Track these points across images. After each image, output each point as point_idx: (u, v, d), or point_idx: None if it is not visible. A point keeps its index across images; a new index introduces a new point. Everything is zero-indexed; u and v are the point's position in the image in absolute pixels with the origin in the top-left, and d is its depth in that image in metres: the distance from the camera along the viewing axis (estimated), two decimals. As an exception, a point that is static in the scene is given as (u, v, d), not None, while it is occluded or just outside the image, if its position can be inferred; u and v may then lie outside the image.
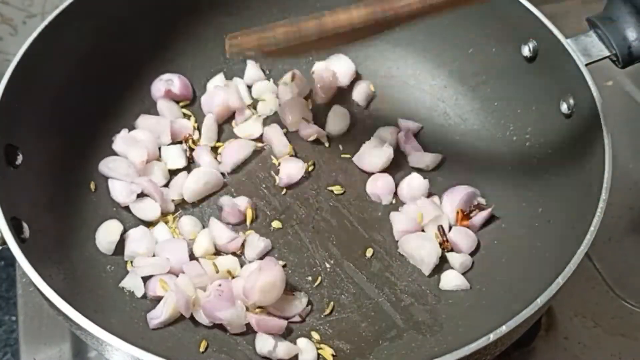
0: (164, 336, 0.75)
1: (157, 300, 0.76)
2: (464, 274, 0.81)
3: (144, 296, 0.77)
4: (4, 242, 0.65)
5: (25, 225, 0.70)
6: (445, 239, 0.81)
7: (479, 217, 0.83)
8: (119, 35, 0.88)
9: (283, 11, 0.95)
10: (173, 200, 0.85)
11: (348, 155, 0.91)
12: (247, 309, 0.74)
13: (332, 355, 0.75)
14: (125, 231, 0.81)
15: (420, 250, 0.80)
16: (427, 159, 0.89)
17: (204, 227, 0.84)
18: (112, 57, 0.88)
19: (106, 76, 0.88)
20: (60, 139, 0.82)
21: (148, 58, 0.92)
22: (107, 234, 0.80)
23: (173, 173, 0.87)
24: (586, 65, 0.77)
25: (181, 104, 0.94)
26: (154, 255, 0.80)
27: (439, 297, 0.80)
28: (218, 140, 0.92)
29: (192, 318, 0.76)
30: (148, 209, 0.83)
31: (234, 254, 0.81)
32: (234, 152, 0.89)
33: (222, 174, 0.88)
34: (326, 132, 0.92)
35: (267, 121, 0.93)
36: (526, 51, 0.84)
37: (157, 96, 0.92)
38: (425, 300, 0.79)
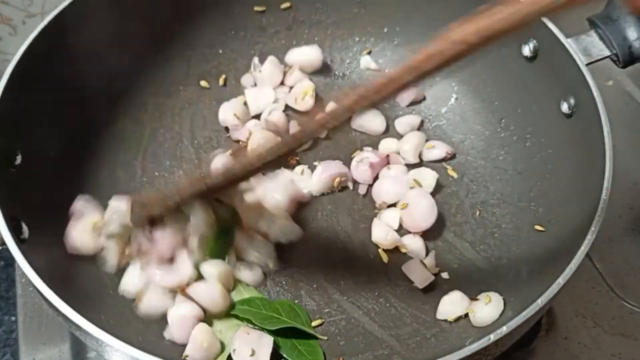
0: (163, 336, 0.75)
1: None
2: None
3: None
4: (4, 243, 0.65)
5: (24, 225, 0.70)
6: None
7: None
8: (119, 35, 0.88)
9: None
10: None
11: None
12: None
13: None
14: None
15: None
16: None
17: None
18: (111, 57, 0.87)
19: (105, 76, 0.87)
20: (60, 139, 0.82)
21: (148, 58, 0.92)
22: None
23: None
24: (587, 65, 0.77)
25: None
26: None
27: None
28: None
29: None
30: None
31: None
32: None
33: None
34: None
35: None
36: (526, 51, 0.84)
37: None
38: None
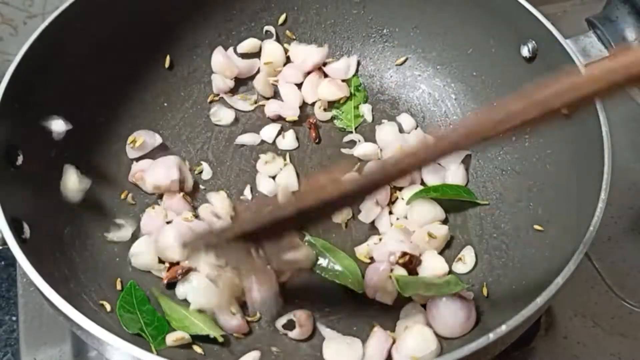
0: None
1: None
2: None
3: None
4: (5, 243, 0.65)
5: (25, 225, 0.70)
6: None
7: None
8: (120, 35, 0.88)
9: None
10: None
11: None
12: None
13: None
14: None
15: None
16: None
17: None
18: (112, 57, 0.88)
19: (106, 77, 0.88)
20: (60, 139, 0.82)
21: (149, 58, 0.92)
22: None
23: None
24: (585, 65, 0.77)
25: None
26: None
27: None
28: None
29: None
30: None
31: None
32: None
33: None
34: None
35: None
36: (526, 51, 0.84)
37: None
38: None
